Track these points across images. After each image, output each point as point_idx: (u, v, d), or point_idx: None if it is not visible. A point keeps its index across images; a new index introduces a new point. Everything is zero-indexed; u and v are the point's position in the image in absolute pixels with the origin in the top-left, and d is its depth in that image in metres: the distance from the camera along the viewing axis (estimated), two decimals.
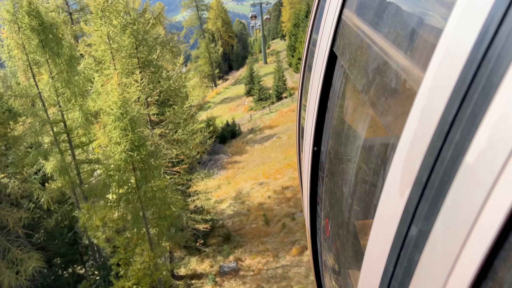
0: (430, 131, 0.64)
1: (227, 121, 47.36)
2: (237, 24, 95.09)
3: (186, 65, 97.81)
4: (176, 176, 19.23)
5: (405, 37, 0.91)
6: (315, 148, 2.06)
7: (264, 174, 31.68)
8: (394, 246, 0.76)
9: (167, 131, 17.88)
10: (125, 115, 13.19)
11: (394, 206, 0.77)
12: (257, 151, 37.88)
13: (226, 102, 64.33)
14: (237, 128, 47.23)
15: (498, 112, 0.48)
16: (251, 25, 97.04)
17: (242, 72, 74.14)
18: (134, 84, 16.12)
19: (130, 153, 13.44)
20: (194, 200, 21.57)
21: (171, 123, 18.12)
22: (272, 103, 52.94)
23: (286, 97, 52.29)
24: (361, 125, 1.39)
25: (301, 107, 2.83)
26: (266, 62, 74.32)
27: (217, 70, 77.97)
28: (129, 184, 14.47)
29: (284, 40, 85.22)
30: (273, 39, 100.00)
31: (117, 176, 13.82)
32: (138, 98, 16.94)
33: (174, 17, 74.26)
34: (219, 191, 31.73)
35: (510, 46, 0.48)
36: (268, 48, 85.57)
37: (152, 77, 17.40)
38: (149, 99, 17.44)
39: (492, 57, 0.51)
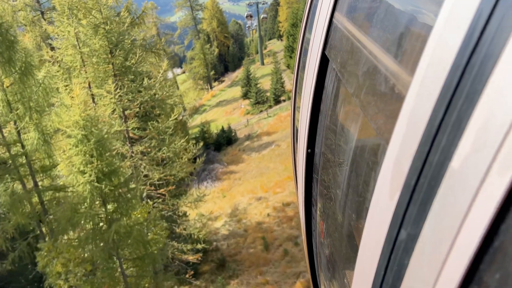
0: (418, 135, 0.65)
1: (222, 126, 44.63)
2: (233, 25, 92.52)
3: (181, 67, 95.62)
4: (160, 200, 16.54)
5: (393, 41, 0.90)
6: (309, 150, 2.06)
7: (262, 187, 29.03)
8: (385, 249, 0.76)
9: (149, 149, 15.20)
10: (89, 138, 10.54)
11: (384, 209, 0.77)
12: (255, 160, 35.21)
13: (222, 105, 61.74)
14: (233, 134, 44.47)
15: (482, 117, 0.50)
16: (247, 26, 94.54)
17: (239, 73, 71.66)
18: (106, 96, 13.46)
19: (96, 184, 10.78)
20: (181, 224, 18.57)
21: (154, 139, 15.44)
22: (270, 106, 50.26)
23: (284, 100, 49.61)
24: (352, 128, 1.39)
25: (295, 109, 2.92)
26: (263, 63, 71.72)
27: (213, 72, 75.47)
28: (98, 219, 11.81)
29: (281, 40, 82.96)
30: (270, 39, 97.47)
31: (82, 212, 11.16)
32: (113, 111, 14.28)
33: (168, 18, 71.63)
34: (214, 206, 29.12)
35: (493, 52, 0.50)
36: (265, 48, 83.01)
37: (130, 86, 14.73)
38: (127, 112, 14.77)
39: (476, 63, 0.52)
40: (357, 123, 1.31)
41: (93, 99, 15.28)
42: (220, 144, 42.50)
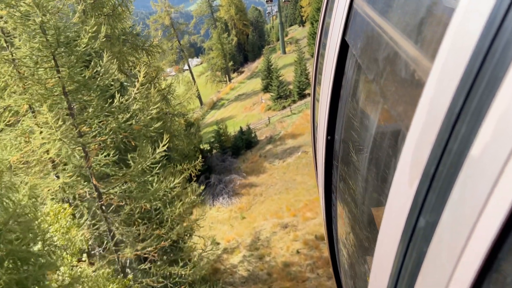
0: (438, 122, 0.64)
1: (240, 127, 39.39)
2: (252, 11, 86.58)
3: (197, 57, 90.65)
4: (148, 264, 11.56)
5: (414, 26, 0.89)
6: (328, 137, 2.06)
7: (288, 209, 23.80)
8: (404, 236, 0.77)
9: (121, 202, 10.20)
10: None
11: (404, 196, 0.77)
12: (278, 170, 29.91)
13: (241, 99, 56.60)
14: (253, 135, 39.16)
15: (503, 104, 0.49)
16: (267, 12, 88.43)
17: (259, 63, 66.29)
18: (43, 131, 8.49)
19: None
20: None
21: (131, 182, 10.42)
22: (294, 101, 44.53)
23: (309, 94, 43.83)
24: (372, 115, 1.37)
25: (315, 96, 2.95)
26: (284, 52, 65.81)
27: (231, 63, 70.26)
28: None
29: (303, 26, 76.97)
30: (291, 25, 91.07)
31: None
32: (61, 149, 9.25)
33: (181, 6, 66.25)
34: (231, 230, 24.17)
35: None
36: (286, 35, 76.84)
37: (95, 109, 9.66)
38: (88, 148, 9.74)
39: (498, 49, 0.52)
40: (376, 110, 1.27)
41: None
42: (238, 148, 37.34)
